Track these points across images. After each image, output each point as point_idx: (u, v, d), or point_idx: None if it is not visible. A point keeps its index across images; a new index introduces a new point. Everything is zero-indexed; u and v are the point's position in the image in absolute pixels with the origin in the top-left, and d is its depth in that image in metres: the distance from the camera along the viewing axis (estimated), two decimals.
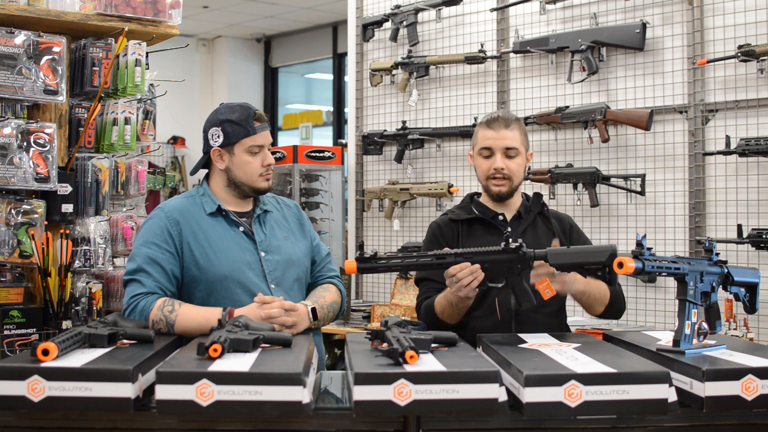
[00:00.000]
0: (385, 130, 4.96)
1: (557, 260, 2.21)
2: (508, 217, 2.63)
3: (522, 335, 2.26)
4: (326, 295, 2.56)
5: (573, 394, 1.66)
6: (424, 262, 2.24)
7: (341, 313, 2.65)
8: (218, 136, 2.50)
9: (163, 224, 2.45)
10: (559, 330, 2.55)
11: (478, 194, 2.73)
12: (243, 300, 2.39)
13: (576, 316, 4.21)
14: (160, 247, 2.42)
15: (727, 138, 3.66)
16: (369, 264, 2.20)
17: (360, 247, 2.24)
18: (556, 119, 4.20)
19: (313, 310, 2.41)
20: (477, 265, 2.22)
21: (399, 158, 4.88)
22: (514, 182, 2.59)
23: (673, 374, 1.75)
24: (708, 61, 3.76)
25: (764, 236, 3.54)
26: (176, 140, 9.72)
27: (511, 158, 2.57)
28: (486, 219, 2.62)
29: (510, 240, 2.22)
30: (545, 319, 2.54)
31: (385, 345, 1.87)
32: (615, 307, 2.54)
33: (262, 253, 2.50)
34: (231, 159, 2.51)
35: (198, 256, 2.43)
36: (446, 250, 2.27)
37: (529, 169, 4.28)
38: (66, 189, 3.02)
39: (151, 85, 3.38)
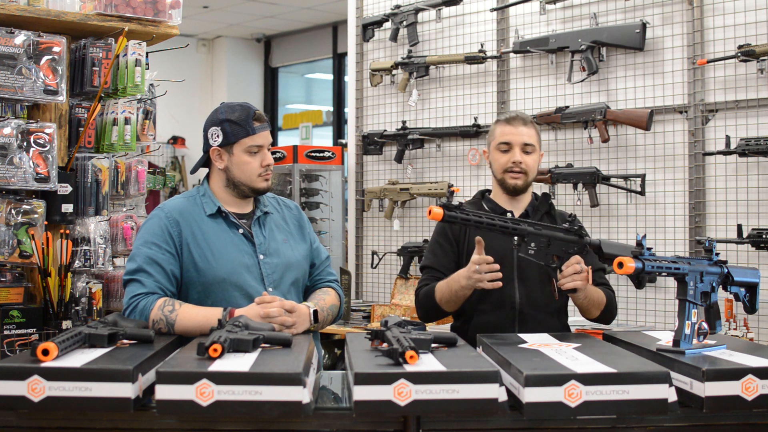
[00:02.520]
0: (385, 130, 4.96)
1: (610, 250, 2.38)
2: (516, 214, 2.69)
3: (522, 335, 2.26)
4: (326, 299, 2.56)
5: (573, 394, 1.66)
6: (500, 225, 2.32)
7: (339, 317, 2.65)
8: (218, 136, 2.50)
9: (163, 224, 2.45)
10: (560, 330, 2.57)
11: (489, 191, 2.80)
12: (240, 303, 2.39)
13: (576, 316, 4.20)
14: (161, 247, 2.42)
15: (727, 138, 3.66)
16: (454, 213, 2.27)
17: (451, 194, 2.33)
18: (556, 119, 4.20)
19: (315, 312, 2.41)
20: (497, 265, 2.37)
21: (399, 158, 4.88)
22: (530, 177, 2.69)
23: (673, 374, 1.75)
24: (708, 61, 3.76)
25: (764, 236, 3.54)
26: (176, 140, 9.72)
27: (528, 154, 2.67)
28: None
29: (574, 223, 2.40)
30: (548, 319, 2.61)
31: (385, 345, 1.87)
32: (608, 313, 2.61)
33: (261, 256, 2.50)
34: (230, 159, 2.50)
35: (197, 258, 2.43)
36: (520, 219, 2.38)
37: None
38: (66, 189, 3.02)
39: (151, 85, 3.38)
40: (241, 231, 2.52)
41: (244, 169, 2.50)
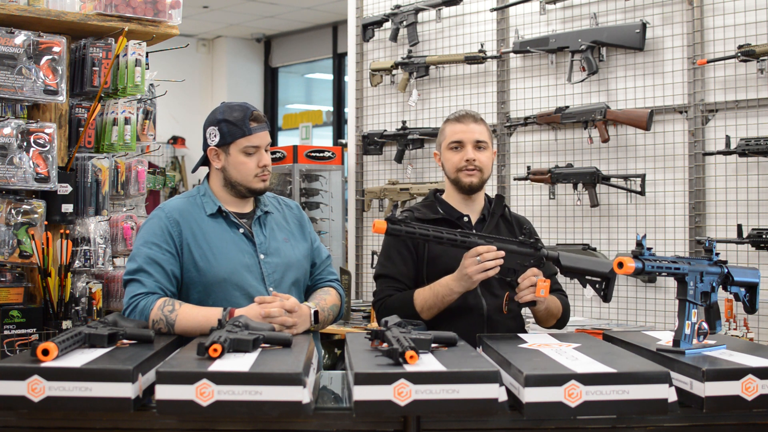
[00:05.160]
0: (385, 130, 4.96)
1: (569, 263, 2.32)
2: (473, 219, 2.64)
3: (522, 335, 2.26)
4: (327, 298, 2.56)
5: (573, 394, 1.66)
6: (449, 237, 2.28)
7: (340, 317, 2.65)
8: (215, 136, 2.50)
9: (163, 224, 2.45)
10: (520, 332, 2.56)
11: (441, 191, 2.72)
12: (240, 303, 2.39)
13: (576, 316, 4.21)
14: (161, 247, 2.42)
15: (727, 138, 3.66)
16: (398, 226, 2.24)
17: (395, 207, 2.27)
18: (556, 119, 4.20)
19: (316, 313, 2.41)
20: (502, 252, 2.30)
21: (399, 158, 4.88)
22: (485, 174, 2.61)
23: (673, 374, 1.75)
24: (708, 61, 3.76)
25: (764, 236, 3.54)
26: (176, 140, 9.72)
27: (481, 150, 2.60)
28: (452, 220, 2.61)
29: (529, 236, 2.33)
30: (511, 323, 2.58)
31: (385, 345, 1.87)
32: (564, 320, 2.61)
33: (262, 256, 2.50)
34: (227, 159, 2.50)
35: (197, 258, 2.43)
36: (469, 232, 2.33)
37: (528, 169, 4.29)
38: (66, 189, 3.02)
39: (151, 85, 3.38)
40: (241, 230, 2.52)
41: (240, 169, 2.50)
